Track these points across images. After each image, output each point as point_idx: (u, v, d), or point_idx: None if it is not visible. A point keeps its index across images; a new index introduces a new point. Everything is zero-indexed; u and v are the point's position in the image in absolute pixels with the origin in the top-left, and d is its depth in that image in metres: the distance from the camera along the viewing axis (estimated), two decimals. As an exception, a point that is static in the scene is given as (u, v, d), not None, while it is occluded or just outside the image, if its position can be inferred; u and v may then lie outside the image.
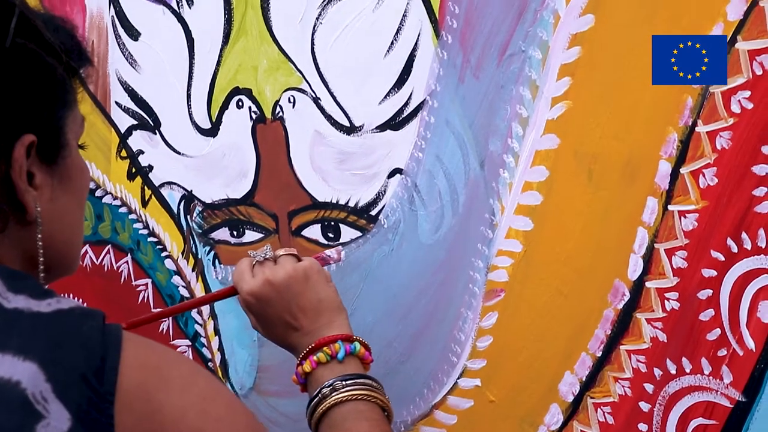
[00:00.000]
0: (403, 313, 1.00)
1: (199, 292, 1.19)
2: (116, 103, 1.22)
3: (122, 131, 1.22)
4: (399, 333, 1.00)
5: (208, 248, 1.16)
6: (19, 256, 0.63)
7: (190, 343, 1.21)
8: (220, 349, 1.18)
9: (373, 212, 1.00)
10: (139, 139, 1.20)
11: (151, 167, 1.20)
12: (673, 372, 0.82)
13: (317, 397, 0.76)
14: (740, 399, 0.78)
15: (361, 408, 0.75)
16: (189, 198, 1.16)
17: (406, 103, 0.95)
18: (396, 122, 0.96)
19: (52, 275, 0.66)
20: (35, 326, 0.56)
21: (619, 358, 0.86)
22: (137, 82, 1.19)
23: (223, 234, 1.14)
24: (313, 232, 1.05)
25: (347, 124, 1.00)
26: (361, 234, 1.01)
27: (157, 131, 1.18)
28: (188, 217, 1.17)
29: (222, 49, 1.08)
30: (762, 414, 0.77)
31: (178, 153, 1.16)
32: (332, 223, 1.03)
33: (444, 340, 0.97)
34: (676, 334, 0.82)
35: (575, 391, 0.89)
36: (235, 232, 1.13)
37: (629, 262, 0.84)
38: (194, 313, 1.20)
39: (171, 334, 1.23)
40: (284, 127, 1.05)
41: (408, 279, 0.99)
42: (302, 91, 1.02)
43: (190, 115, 1.13)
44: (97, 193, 1.27)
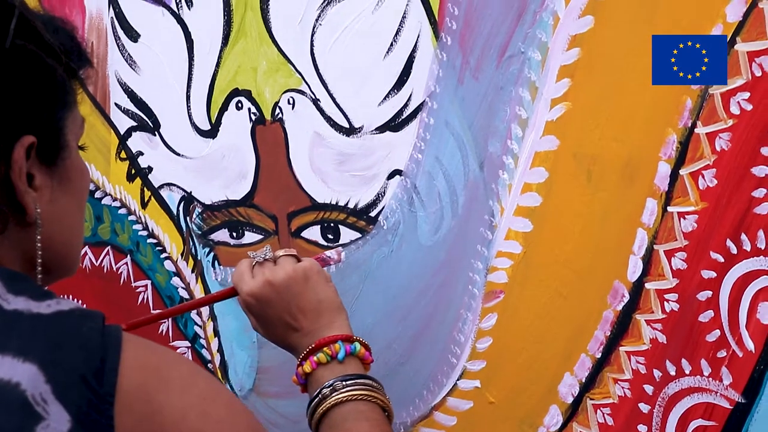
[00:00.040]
0: (403, 314, 0.99)
1: (199, 294, 1.19)
2: (116, 104, 1.22)
3: (122, 133, 1.22)
4: (398, 334, 1.00)
5: (207, 249, 1.16)
6: (19, 258, 0.63)
7: (190, 345, 1.21)
8: (220, 350, 1.18)
9: (373, 213, 1.00)
10: (138, 141, 1.20)
11: (150, 168, 1.20)
12: (673, 373, 0.82)
13: (317, 398, 0.76)
14: (740, 400, 0.78)
15: (362, 408, 0.75)
16: (188, 199, 1.16)
17: (406, 105, 0.95)
18: (395, 123, 0.96)
19: (52, 276, 0.66)
20: (35, 328, 0.56)
21: (618, 359, 0.86)
22: (137, 83, 1.19)
23: (223, 235, 1.14)
24: (313, 234, 1.05)
25: (347, 125, 1.00)
26: (360, 235, 1.01)
27: (156, 133, 1.18)
28: (188, 219, 1.17)
29: (221, 51, 1.08)
30: (761, 415, 0.77)
31: (178, 154, 1.16)
32: (332, 225, 1.03)
33: (443, 342, 0.97)
34: (676, 336, 0.82)
35: (575, 392, 0.89)
36: (235, 234, 1.12)
37: (629, 264, 0.84)
38: (194, 315, 1.20)
39: (170, 335, 1.23)
40: (284, 129, 1.05)
41: (407, 280, 0.98)
42: (302, 93, 1.02)
43: (190, 116, 1.13)
44: (97, 195, 1.27)
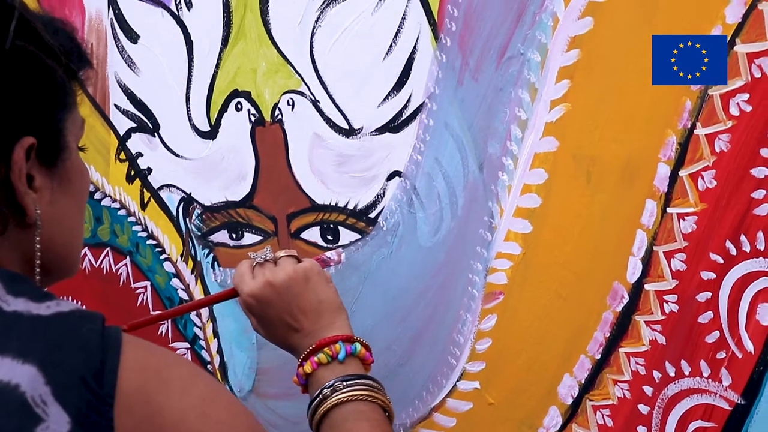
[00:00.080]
0: (402, 315, 0.99)
1: (198, 295, 1.19)
2: (115, 105, 1.22)
3: (121, 134, 1.22)
4: (398, 336, 1.00)
5: (207, 251, 1.16)
6: (19, 259, 0.63)
7: (189, 346, 1.21)
8: (219, 351, 1.18)
9: (372, 215, 1.00)
10: (138, 142, 1.20)
11: (150, 170, 1.20)
12: (672, 374, 0.82)
13: (318, 398, 0.76)
14: (739, 401, 0.78)
15: (362, 408, 0.75)
16: (188, 200, 1.16)
17: (405, 106, 0.95)
18: (395, 125, 0.96)
19: (51, 278, 0.66)
20: (35, 329, 0.56)
21: (618, 360, 0.86)
22: (136, 84, 1.19)
23: (222, 237, 1.14)
24: (312, 235, 1.05)
25: (346, 126, 1.00)
26: (360, 236, 1.01)
27: (156, 134, 1.18)
28: (187, 220, 1.17)
29: (221, 52, 1.08)
30: (761, 416, 0.77)
31: (177, 155, 1.16)
32: (331, 226, 1.03)
33: (443, 343, 0.97)
34: (675, 337, 0.82)
35: (574, 393, 0.89)
36: (234, 235, 1.12)
37: (628, 265, 0.84)
38: (193, 316, 1.20)
39: (170, 336, 1.23)
40: (283, 130, 1.05)
41: (407, 281, 0.98)
42: (301, 94, 1.02)
43: (189, 117, 1.13)
44: (96, 196, 1.27)
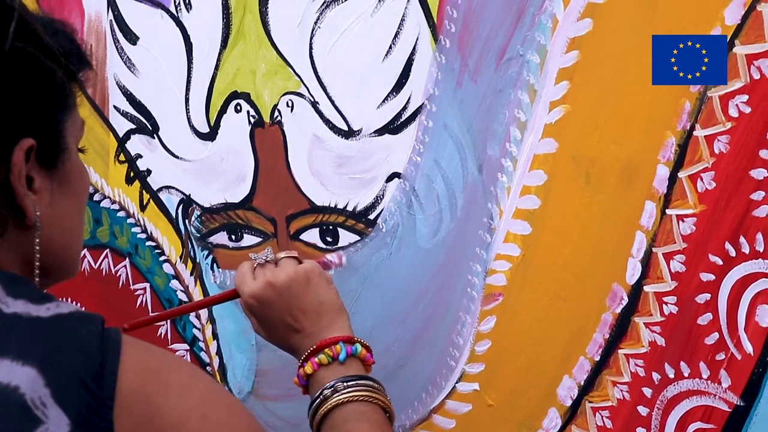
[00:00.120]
0: (402, 317, 0.99)
1: (197, 296, 1.19)
2: (114, 107, 1.22)
3: (120, 135, 1.22)
4: (397, 337, 1.00)
5: (206, 252, 1.16)
6: (19, 261, 0.63)
7: (189, 348, 1.21)
8: (219, 353, 1.18)
9: (372, 216, 1.00)
10: (137, 143, 1.20)
11: (149, 171, 1.20)
12: (672, 376, 0.82)
13: (319, 399, 0.76)
14: (738, 403, 0.78)
15: (363, 409, 0.75)
16: (187, 202, 1.16)
17: (405, 107, 0.95)
18: (394, 126, 0.96)
19: (51, 279, 0.66)
20: (34, 331, 0.56)
21: (617, 362, 0.86)
22: (135, 86, 1.19)
23: (222, 238, 1.14)
24: (312, 236, 1.05)
25: (345, 128, 1.00)
26: (359, 238, 1.01)
27: (155, 135, 1.18)
28: (186, 221, 1.17)
29: (220, 53, 1.08)
30: (760, 418, 0.77)
31: (177, 157, 1.16)
32: (330, 227, 1.03)
33: (442, 344, 0.97)
34: (675, 338, 0.82)
35: (573, 395, 0.89)
36: (234, 237, 1.12)
37: (627, 266, 0.84)
38: (192, 317, 1.20)
39: (169, 338, 1.22)
40: (282, 131, 1.05)
41: (406, 283, 0.98)
42: (300, 95, 1.02)
43: (189, 119, 1.13)
44: (96, 198, 1.27)
